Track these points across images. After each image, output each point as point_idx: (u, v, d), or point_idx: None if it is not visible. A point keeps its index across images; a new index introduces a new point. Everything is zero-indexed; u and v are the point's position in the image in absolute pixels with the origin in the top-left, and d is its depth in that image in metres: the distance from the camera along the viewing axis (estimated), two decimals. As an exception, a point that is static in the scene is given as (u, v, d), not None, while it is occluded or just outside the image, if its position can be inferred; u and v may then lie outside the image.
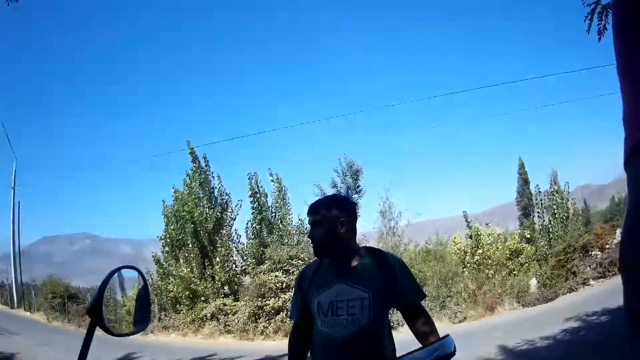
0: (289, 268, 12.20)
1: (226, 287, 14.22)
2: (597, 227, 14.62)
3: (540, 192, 15.09)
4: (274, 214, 15.14)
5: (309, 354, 1.90)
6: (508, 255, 13.46)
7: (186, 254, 14.53)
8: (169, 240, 14.83)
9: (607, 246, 13.12)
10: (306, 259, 12.09)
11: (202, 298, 14.19)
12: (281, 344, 11.52)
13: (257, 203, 14.86)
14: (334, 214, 1.80)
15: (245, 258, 14.63)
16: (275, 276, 12.22)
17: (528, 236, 14.38)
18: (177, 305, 14.75)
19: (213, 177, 15.40)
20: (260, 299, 12.44)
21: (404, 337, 2.14)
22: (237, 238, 15.23)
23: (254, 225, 14.89)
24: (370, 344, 1.72)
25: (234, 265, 14.86)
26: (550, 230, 14.23)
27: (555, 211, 14.28)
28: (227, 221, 15.23)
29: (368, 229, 13.29)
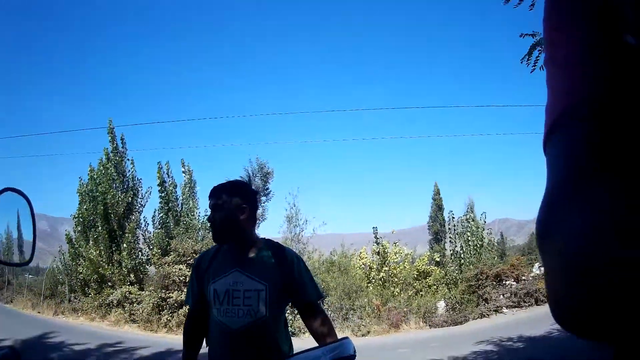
0: (193, 263, 12.05)
1: (132, 275, 14.02)
2: (513, 258, 15.02)
3: (453, 218, 15.22)
4: (181, 206, 15.02)
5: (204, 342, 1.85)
6: (415, 276, 13.62)
7: (95, 236, 14.26)
8: (81, 219, 14.56)
9: (524, 278, 13.44)
10: (211, 254, 12.01)
11: (110, 283, 14.00)
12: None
13: (164, 193, 14.73)
14: (235, 200, 1.77)
15: (151, 247, 14.42)
16: (180, 269, 12.11)
17: (437, 259, 14.64)
18: (86, 288, 14.52)
19: (128, 160, 15.23)
20: (164, 291, 12.31)
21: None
22: (144, 226, 15.12)
23: (160, 215, 14.76)
24: (265, 337, 1.69)
25: (140, 253, 14.69)
26: (462, 256, 14.40)
27: (469, 238, 14.48)
28: (137, 207, 15.07)
29: (274, 234, 13.34)
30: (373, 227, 14.23)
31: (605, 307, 0.27)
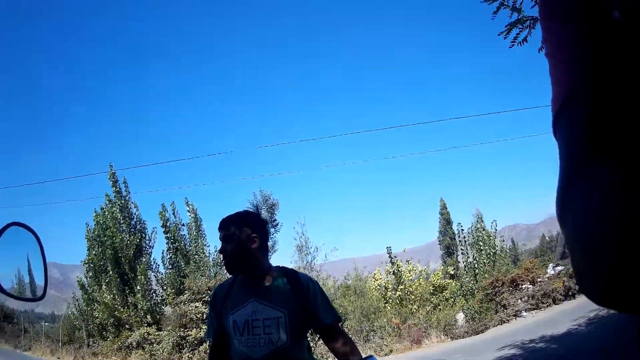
0: (209, 299, 11.98)
1: (149, 316, 13.98)
2: (527, 262, 14.90)
3: (463, 229, 15.11)
4: (189, 244, 14.94)
5: None
6: (432, 291, 13.52)
7: (107, 280, 14.30)
8: (91, 265, 14.57)
9: (539, 279, 13.32)
10: (225, 290, 11.99)
11: (127, 326, 13.99)
12: (206, 375, 11.38)
13: (169, 233, 14.68)
14: (245, 230, 1.75)
15: (164, 288, 14.40)
16: (196, 307, 12.07)
17: (452, 272, 14.53)
18: (104, 332, 14.52)
19: (132, 203, 15.24)
20: (182, 329, 12.27)
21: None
22: (155, 267, 15.06)
23: (169, 256, 14.72)
24: None
25: (154, 295, 14.67)
26: (476, 266, 14.28)
27: (482, 247, 14.37)
28: (146, 249, 15.06)
29: (285, 265, 13.21)
30: (387, 247, 14.14)
31: (619, 280, 0.30)
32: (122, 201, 14.97)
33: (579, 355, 6.59)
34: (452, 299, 13.37)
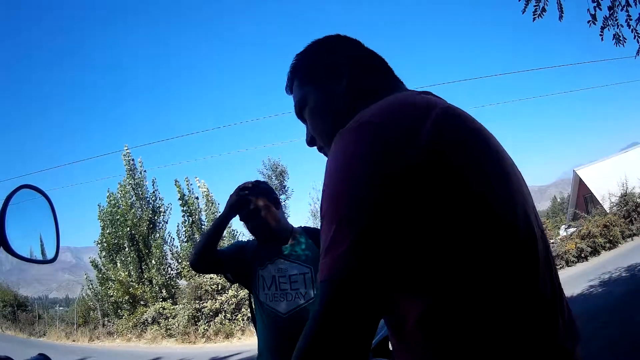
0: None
1: (164, 291, 14.14)
2: (538, 223, 14.86)
3: None
4: (204, 217, 14.94)
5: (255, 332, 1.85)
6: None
7: (122, 258, 14.40)
8: (105, 244, 14.64)
9: (552, 240, 13.31)
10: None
11: (142, 302, 14.15)
12: (222, 346, 11.52)
13: (186, 207, 14.71)
14: (262, 199, 1.79)
15: (180, 261, 14.50)
16: (210, 278, 12.17)
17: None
18: (119, 310, 14.67)
19: (147, 181, 15.32)
20: (197, 302, 12.41)
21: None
22: (170, 241, 15.17)
23: (185, 229, 14.79)
24: None
25: (169, 269, 14.79)
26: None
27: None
28: (160, 224, 15.16)
29: None
30: None
31: None
32: (137, 179, 15.02)
33: (596, 316, 6.59)
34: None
